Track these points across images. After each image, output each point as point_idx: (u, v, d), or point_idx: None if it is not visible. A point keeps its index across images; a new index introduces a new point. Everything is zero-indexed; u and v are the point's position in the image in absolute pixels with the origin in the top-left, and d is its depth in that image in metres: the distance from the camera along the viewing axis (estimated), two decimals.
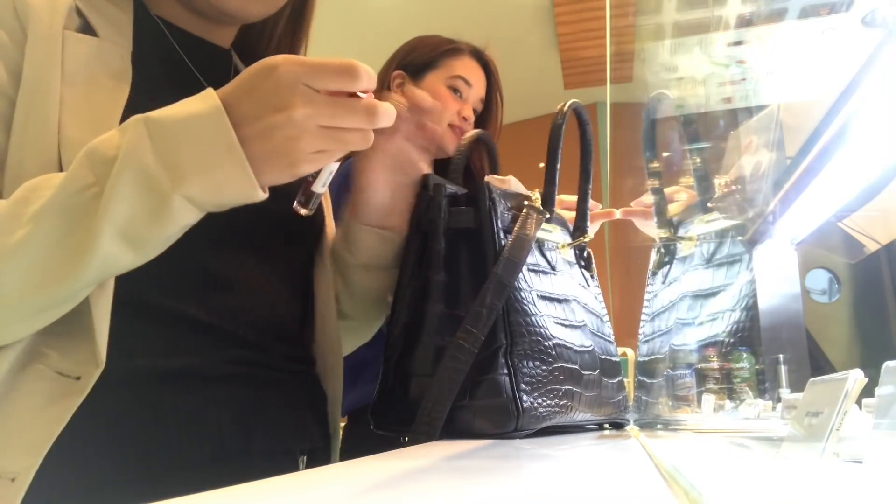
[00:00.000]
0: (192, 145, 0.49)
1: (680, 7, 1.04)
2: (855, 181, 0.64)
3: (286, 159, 0.51)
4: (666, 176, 1.03)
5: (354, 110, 0.52)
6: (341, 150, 0.54)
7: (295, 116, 0.50)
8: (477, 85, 1.37)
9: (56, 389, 0.53)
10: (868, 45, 0.48)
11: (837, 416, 0.37)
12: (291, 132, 0.50)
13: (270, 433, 0.67)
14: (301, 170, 0.53)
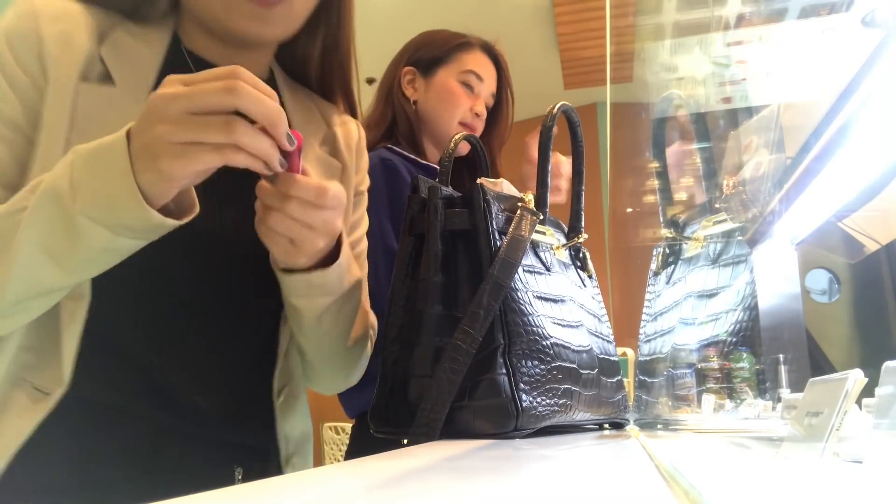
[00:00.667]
0: (95, 169, 0.53)
1: (680, 7, 1.04)
2: (855, 181, 0.64)
3: (149, 152, 0.51)
4: (673, 176, 1.03)
5: (213, 90, 0.51)
6: (204, 135, 0.50)
7: (155, 104, 0.51)
8: (488, 80, 1.35)
9: (30, 402, 0.61)
10: (868, 45, 0.48)
11: (837, 416, 0.37)
12: (155, 127, 0.50)
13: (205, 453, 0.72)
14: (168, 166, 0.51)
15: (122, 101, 0.65)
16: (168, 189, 0.54)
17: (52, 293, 0.59)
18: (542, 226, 0.79)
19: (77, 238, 0.53)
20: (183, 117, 0.50)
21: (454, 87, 1.31)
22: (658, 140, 1.03)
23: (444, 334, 0.68)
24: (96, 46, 0.67)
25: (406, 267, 0.74)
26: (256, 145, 0.52)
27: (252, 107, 0.51)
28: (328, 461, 4.29)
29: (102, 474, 0.64)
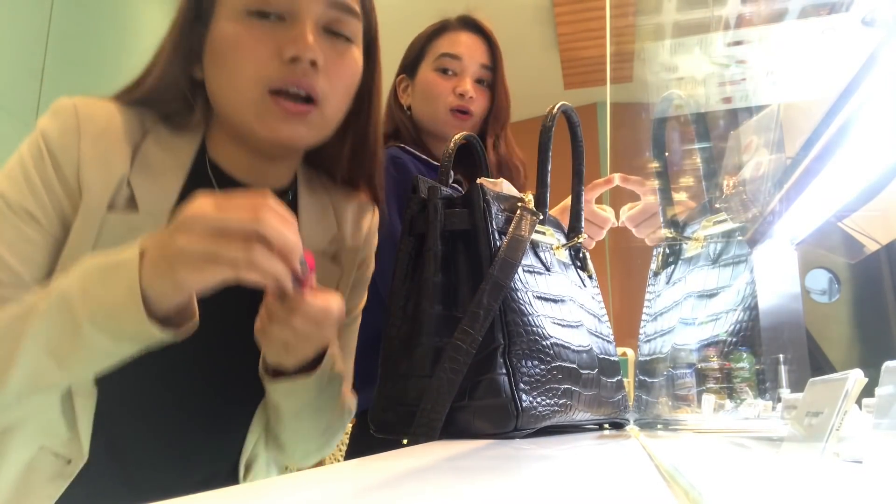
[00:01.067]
0: (104, 279, 0.57)
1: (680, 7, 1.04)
2: (855, 181, 0.64)
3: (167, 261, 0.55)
4: (674, 176, 1.03)
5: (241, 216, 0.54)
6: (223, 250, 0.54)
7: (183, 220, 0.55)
8: (470, 53, 1.25)
9: (52, 469, 0.67)
10: (868, 45, 0.48)
11: (837, 416, 0.37)
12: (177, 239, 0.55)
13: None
14: (184, 277, 0.55)
15: (144, 226, 0.69)
16: (176, 298, 0.58)
17: (49, 389, 0.64)
18: (542, 226, 0.79)
19: (81, 342, 0.58)
20: (206, 232, 0.54)
21: (431, 77, 1.26)
22: (658, 140, 1.03)
23: (444, 334, 0.68)
24: (128, 169, 0.71)
25: (406, 267, 0.74)
26: (271, 268, 0.55)
27: (274, 237, 0.55)
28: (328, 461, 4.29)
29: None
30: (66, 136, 0.69)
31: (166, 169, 0.74)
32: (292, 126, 0.72)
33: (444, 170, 0.86)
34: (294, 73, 0.71)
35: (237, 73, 0.71)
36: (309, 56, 0.70)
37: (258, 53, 0.71)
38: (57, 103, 0.72)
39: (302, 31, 0.71)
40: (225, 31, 0.72)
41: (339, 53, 0.75)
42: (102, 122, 0.71)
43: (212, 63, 0.74)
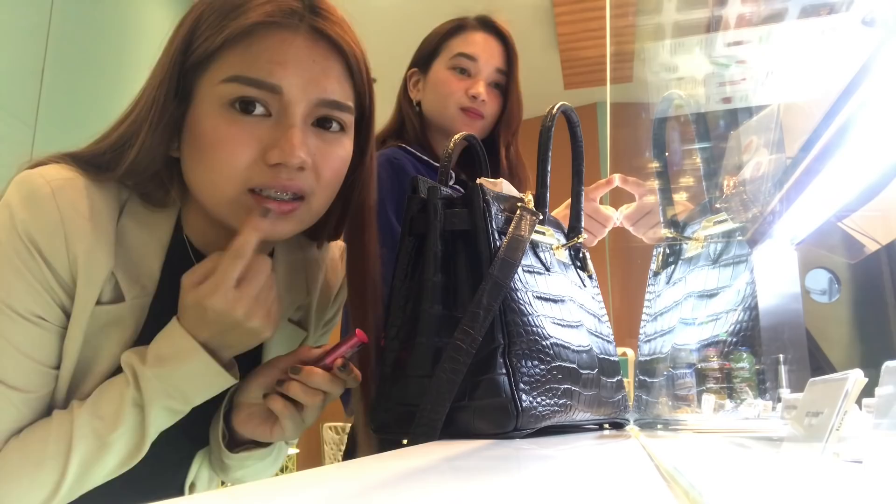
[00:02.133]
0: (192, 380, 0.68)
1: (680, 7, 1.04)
2: (855, 181, 0.64)
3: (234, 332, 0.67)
4: (674, 176, 1.03)
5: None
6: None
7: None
8: (486, 56, 1.24)
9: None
10: (868, 45, 0.48)
11: (837, 416, 0.37)
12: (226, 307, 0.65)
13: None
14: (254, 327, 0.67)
15: (127, 314, 0.71)
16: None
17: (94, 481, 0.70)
18: (542, 226, 0.79)
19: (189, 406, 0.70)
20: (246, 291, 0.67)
21: (445, 76, 1.25)
22: (658, 140, 1.03)
23: (444, 334, 0.68)
24: (112, 261, 0.69)
25: (406, 267, 0.74)
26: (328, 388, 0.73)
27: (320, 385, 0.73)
28: (328, 461, 4.28)
29: None
30: (51, 236, 0.66)
31: (145, 251, 0.72)
32: (276, 225, 0.69)
33: (444, 170, 0.86)
34: (278, 177, 0.66)
35: (214, 168, 0.67)
36: (296, 163, 0.66)
37: (239, 152, 0.66)
38: (30, 186, 0.66)
39: (288, 133, 0.66)
40: (205, 124, 0.67)
41: (329, 147, 0.70)
42: (84, 211, 0.68)
43: (189, 151, 0.70)
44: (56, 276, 0.67)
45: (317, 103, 0.69)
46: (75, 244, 0.66)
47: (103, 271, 0.68)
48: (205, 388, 0.68)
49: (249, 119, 0.66)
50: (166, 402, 0.67)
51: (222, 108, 0.66)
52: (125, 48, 2.67)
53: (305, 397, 0.71)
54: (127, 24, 2.75)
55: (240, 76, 0.66)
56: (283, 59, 0.67)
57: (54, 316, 0.68)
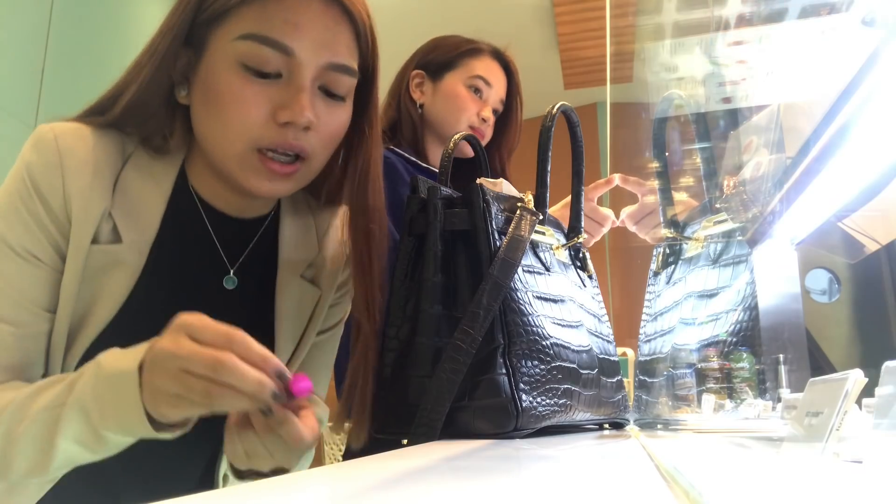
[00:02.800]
0: (111, 395, 0.60)
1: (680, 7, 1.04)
2: (855, 181, 0.64)
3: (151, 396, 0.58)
4: (674, 176, 1.03)
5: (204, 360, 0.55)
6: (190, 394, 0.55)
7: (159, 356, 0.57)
8: (497, 86, 1.35)
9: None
10: (868, 45, 0.48)
11: (837, 416, 0.37)
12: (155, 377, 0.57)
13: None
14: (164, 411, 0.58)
15: (126, 255, 0.72)
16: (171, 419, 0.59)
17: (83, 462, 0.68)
18: (542, 226, 0.79)
19: (103, 441, 0.62)
20: (177, 374, 0.55)
21: (462, 92, 1.32)
22: (658, 140, 1.03)
23: (443, 334, 0.68)
24: (110, 202, 0.71)
25: (406, 267, 0.74)
26: (236, 405, 0.56)
27: (236, 382, 0.55)
28: (328, 461, 4.28)
29: None
30: (49, 174, 0.69)
31: (147, 198, 0.74)
32: (276, 184, 0.72)
33: (444, 170, 0.86)
34: (286, 136, 0.70)
35: (226, 125, 0.70)
36: (304, 122, 0.69)
37: (251, 112, 0.69)
38: (38, 133, 0.72)
39: (298, 95, 0.69)
40: (218, 79, 0.70)
41: (331, 112, 0.74)
42: (83, 154, 0.71)
43: (200, 102, 0.72)
44: (51, 214, 0.69)
45: (326, 66, 0.71)
46: (71, 182, 0.69)
47: (97, 209, 0.70)
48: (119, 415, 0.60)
49: (262, 81, 0.69)
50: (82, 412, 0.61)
51: (237, 67, 0.69)
52: (125, 48, 2.67)
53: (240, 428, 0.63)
54: (127, 24, 2.75)
55: (255, 34, 0.68)
56: (298, 20, 0.69)
57: (48, 256, 0.70)
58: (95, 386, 0.61)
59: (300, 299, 0.83)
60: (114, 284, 0.71)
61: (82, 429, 0.62)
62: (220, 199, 0.79)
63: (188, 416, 0.59)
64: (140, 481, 0.76)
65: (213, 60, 0.70)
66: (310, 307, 0.84)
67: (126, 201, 0.73)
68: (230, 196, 0.78)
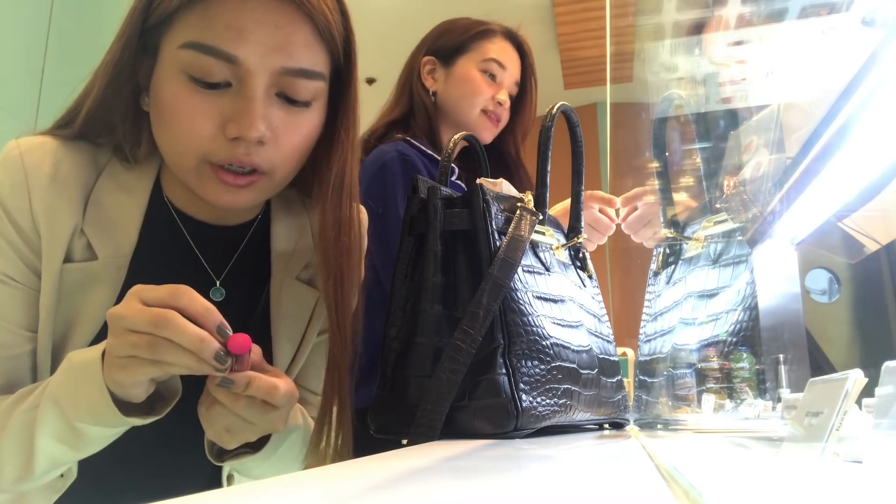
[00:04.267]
0: (80, 384, 0.59)
1: (680, 7, 1.04)
2: (855, 181, 0.64)
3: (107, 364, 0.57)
4: (674, 176, 1.03)
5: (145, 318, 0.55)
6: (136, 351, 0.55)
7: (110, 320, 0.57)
8: (511, 68, 1.31)
9: (48, 483, 0.69)
10: (868, 45, 0.48)
11: (837, 416, 0.37)
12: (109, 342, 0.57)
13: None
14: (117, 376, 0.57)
15: (104, 272, 0.70)
16: (131, 394, 0.59)
17: (67, 464, 0.68)
18: (542, 226, 0.79)
19: (81, 435, 0.61)
20: (122, 333, 0.55)
21: (475, 76, 1.28)
22: (658, 140, 1.03)
23: (443, 334, 0.68)
24: (80, 218, 0.69)
25: (406, 267, 0.74)
26: (181, 362, 0.55)
27: (176, 337, 0.54)
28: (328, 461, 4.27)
29: None
30: (15, 194, 0.68)
31: (122, 211, 0.72)
32: (235, 195, 0.68)
33: (444, 169, 0.86)
34: (235, 151, 0.65)
35: (175, 138, 0.66)
36: (255, 136, 0.64)
37: (198, 125, 0.64)
38: (6, 152, 0.70)
39: (248, 106, 0.63)
40: (165, 89, 0.65)
41: (293, 120, 0.68)
42: (49, 170, 0.69)
43: (153, 112, 0.69)
44: (22, 235, 0.68)
45: (281, 72, 0.65)
46: (37, 201, 0.68)
47: (67, 228, 0.68)
48: (88, 403, 0.59)
49: (209, 92, 0.64)
50: (56, 407, 0.61)
51: (182, 77, 0.64)
52: None
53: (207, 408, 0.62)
54: None
55: (196, 43, 0.63)
56: (242, 24, 0.63)
57: (23, 276, 0.68)
58: (65, 379, 0.61)
59: (297, 302, 0.80)
60: (93, 302, 0.69)
61: (58, 425, 0.61)
62: (196, 209, 0.75)
63: (140, 378, 0.57)
64: (144, 487, 0.76)
65: (161, 69, 0.66)
66: (308, 309, 0.82)
67: (99, 216, 0.70)
68: (205, 205, 0.74)
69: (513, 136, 1.36)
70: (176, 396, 0.64)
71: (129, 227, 0.72)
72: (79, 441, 0.62)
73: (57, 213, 0.68)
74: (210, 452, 0.71)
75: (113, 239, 0.71)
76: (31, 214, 0.68)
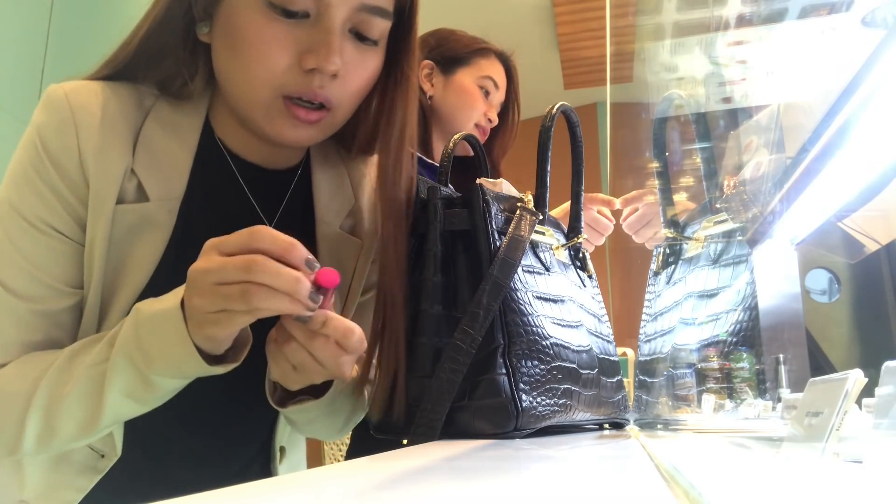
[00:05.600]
0: (156, 336, 0.58)
1: (680, 7, 1.04)
2: (855, 181, 0.64)
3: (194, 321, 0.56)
4: (674, 176, 1.03)
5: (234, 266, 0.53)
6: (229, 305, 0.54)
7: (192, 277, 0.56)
8: (501, 89, 1.39)
9: (84, 461, 0.69)
10: (868, 45, 0.48)
11: (837, 416, 0.37)
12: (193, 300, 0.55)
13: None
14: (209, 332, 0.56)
15: (156, 214, 0.68)
16: (220, 346, 0.59)
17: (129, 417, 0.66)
18: (542, 226, 0.79)
19: (152, 388, 0.60)
20: (211, 289, 0.54)
21: (474, 90, 1.35)
22: (658, 140, 1.03)
23: (443, 334, 0.68)
24: (131, 159, 0.67)
25: (406, 267, 0.74)
26: (276, 306, 0.54)
27: (270, 280, 0.53)
28: (328, 461, 4.28)
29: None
30: (62, 134, 0.65)
31: (172, 153, 0.69)
32: (301, 131, 0.68)
33: (444, 170, 0.86)
34: (311, 84, 0.65)
35: (249, 69, 0.65)
36: (331, 69, 0.64)
37: (276, 57, 0.64)
38: (48, 95, 0.67)
39: (327, 39, 0.64)
40: (240, 17, 0.64)
41: (361, 58, 0.68)
42: (97, 110, 0.66)
43: (222, 41, 0.67)
44: (66, 179, 0.65)
45: (358, 7, 0.66)
46: (86, 140, 0.65)
47: (119, 167, 0.66)
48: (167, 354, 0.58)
49: (288, 22, 0.64)
50: (128, 360, 0.59)
51: (261, 4, 0.64)
52: None
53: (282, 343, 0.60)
54: (127, 23, 2.75)
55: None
56: None
57: (65, 225, 0.66)
58: (138, 332, 0.59)
59: (342, 252, 0.79)
60: (144, 247, 0.67)
61: (130, 379, 0.59)
62: (248, 150, 0.74)
63: (234, 330, 0.57)
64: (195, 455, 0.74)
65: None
66: (353, 260, 0.81)
67: (150, 158, 0.68)
68: (258, 145, 0.74)
69: (490, 154, 1.43)
70: (248, 342, 0.62)
71: (179, 170, 0.69)
72: (149, 394, 0.61)
73: (108, 153, 0.66)
74: (272, 397, 0.69)
75: (164, 181, 0.68)
76: (78, 157, 0.65)
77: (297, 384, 0.64)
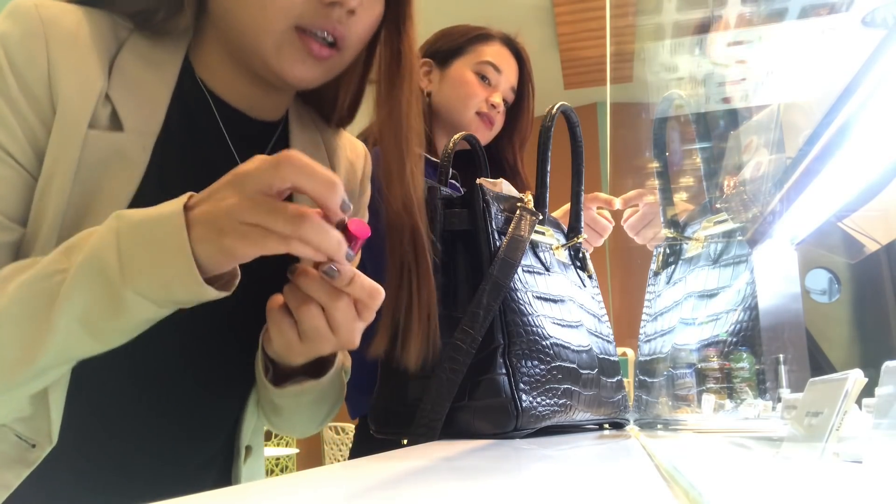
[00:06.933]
0: (147, 244, 0.50)
1: (680, 7, 1.04)
2: (855, 181, 0.64)
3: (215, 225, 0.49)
4: (674, 176, 1.03)
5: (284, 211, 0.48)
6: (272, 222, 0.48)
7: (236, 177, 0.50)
8: (507, 72, 1.32)
9: (11, 452, 0.59)
10: (868, 45, 0.48)
11: (837, 416, 0.37)
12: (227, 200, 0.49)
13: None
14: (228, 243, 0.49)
15: (130, 149, 0.61)
16: (226, 264, 0.51)
17: (71, 362, 0.56)
18: (542, 226, 0.79)
19: (120, 312, 0.51)
20: (257, 196, 0.48)
21: (469, 77, 1.29)
22: (658, 140, 1.03)
23: (444, 334, 0.68)
24: (105, 83, 0.61)
25: None
26: (323, 242, 0.49)
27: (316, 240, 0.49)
28: (328, 461, 4.28)
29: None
30: (30, 45, 0.58)
31: (149, 86, 0.64)
32: (309, 67, 0.65)
33: (444, 169, 0.86)
34: (329, 17, 0.63)
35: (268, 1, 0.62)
36: (353, 3, 0.63)
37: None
38: (14, 5, 0.60)
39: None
40: None
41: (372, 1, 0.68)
42: (71, 26, 0.61)
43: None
44: (28, 97, 0.58)
45: None
46: (57, 53, 0.59)
47: (94, 88, 0.60)
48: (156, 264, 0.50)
49: None
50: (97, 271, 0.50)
51: None
52: None
53: (297, 305, 0.55)
54: None
55: None
56: None
57: (19, 150, 0.58)
58: (119, 239, 0.50)
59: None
60: (114, 184, 0.60)
61: (95, 297, 0.50)
62: (232, 92, 0.70)
63: (257, 253, 0.49)
64: (147, 447, 0.67)
65: None
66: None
67: (125, 86, 0.63)
68: (244, 88, 0.70)
69: (510, 143, 1.36)
70: (237, 277, 0.55)
71: (156, 103, 0.64)
72: (112, 321, 0.52)
73: (83, 70, 0.60)
74: (266, 375, 0.65)
75: (141, 111, 0.63)
76: (47, 71, 0.58)
77: (302, 356, 0.59)
